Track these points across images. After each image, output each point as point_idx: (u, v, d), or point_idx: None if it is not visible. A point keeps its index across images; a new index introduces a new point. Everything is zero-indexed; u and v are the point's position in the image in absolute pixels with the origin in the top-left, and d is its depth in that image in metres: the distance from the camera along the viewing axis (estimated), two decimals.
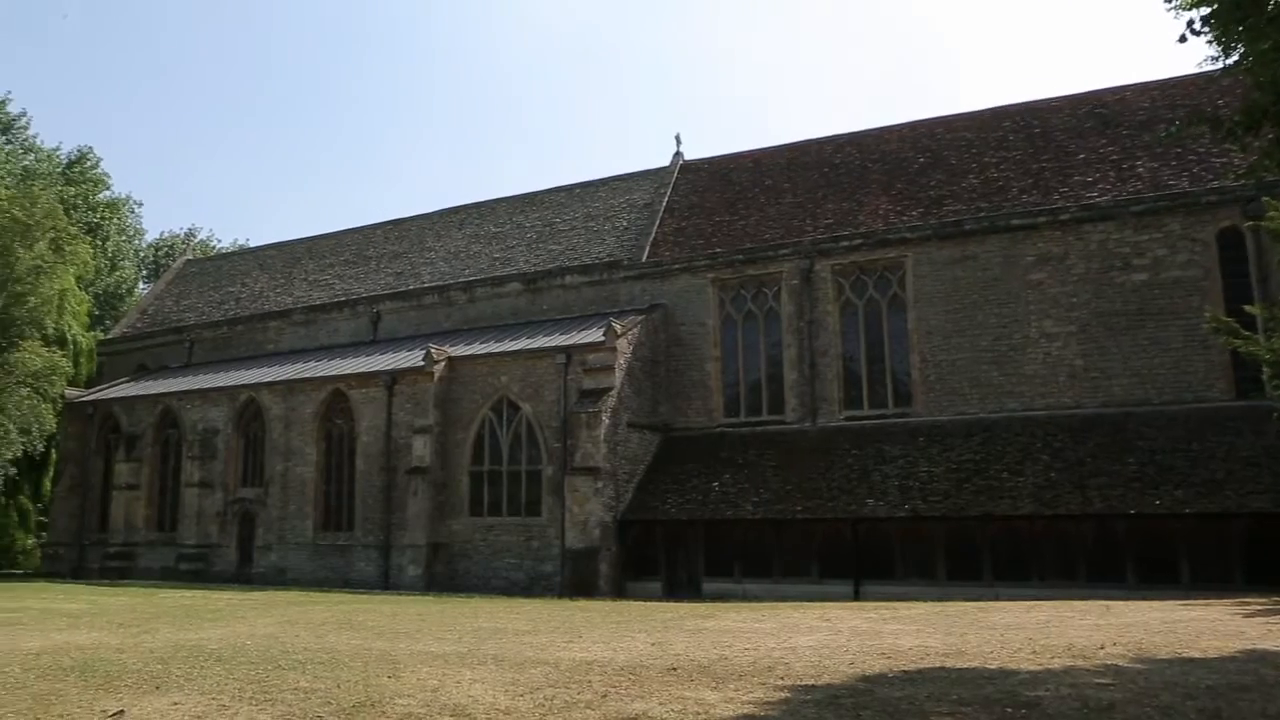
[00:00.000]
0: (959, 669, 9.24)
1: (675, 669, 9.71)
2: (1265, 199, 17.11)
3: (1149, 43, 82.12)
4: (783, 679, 8.99)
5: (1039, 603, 16.60)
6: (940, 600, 18.20)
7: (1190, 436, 20.50)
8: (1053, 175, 24.72)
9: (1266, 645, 10.37)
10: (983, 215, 24.35)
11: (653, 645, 11.72)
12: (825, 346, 25.48)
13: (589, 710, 7.70)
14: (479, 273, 31.85)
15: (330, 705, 8.07)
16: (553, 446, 25.07)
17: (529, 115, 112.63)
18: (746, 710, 7.61)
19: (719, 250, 27.56)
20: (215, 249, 58.77)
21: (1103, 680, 8.37)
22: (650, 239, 29.21)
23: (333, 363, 30.94)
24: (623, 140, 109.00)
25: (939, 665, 9.52)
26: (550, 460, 25.07)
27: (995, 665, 9.41)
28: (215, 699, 8.48)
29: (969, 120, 27.93)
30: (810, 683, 8.74)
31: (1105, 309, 22.58)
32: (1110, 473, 20.30)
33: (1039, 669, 9.10)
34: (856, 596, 20.67)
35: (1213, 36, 9.99)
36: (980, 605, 16.56)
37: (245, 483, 30.63)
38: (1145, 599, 16.75)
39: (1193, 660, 9.41)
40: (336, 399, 29.02)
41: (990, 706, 7.39)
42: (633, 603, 20.37)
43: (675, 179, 31.57)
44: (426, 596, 22.65)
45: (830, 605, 17.79)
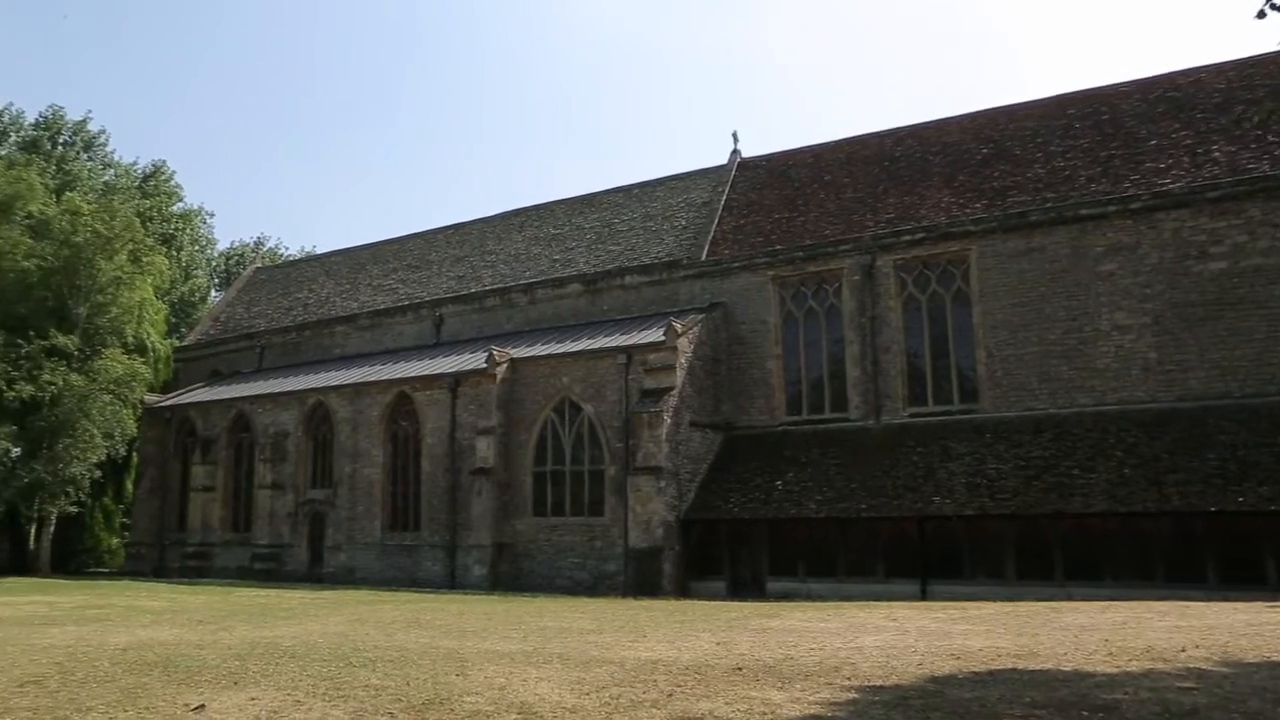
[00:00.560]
0: (1031, 671, 9.03)
1: (740, 669, 9.67)
2: None
3: (1223, 21, 79.24)
4: (849, 679, 8.89)
5: (1114, 603, 16.15)
6: (1010, 600, 17.83)
7: (1276, 430, 19.69)
8: (1123, 163, 24.00)
9: None
10: (1049, 206, 23.75)
11: (717, 645, 11.69)
12: (888, 343, 25.14)
13: (654, 709, 7.71)
14: (539, 274, 32.13)
15: (400, 702, 8.22)
16: (615, 446, 25.17)
17: (584, 117, 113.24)
18: (813, 710, 7.54)
19: (779, 247, 27.37)
20: (283, 257, 60.38)
21: (1185, 684, 8.10)
22: (709, 237, 29.14)
23: (397, 366, 31.50)
24: (679, 140, 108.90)
25: (1010, 667, 9.32)
26: (613, 460, 25.16)
27: (1069, 667, 9.17)
28: (290, 695, 8.70)
29: (1032, 109, 27.27)
30: (878, 683, 8.63)
31: (1180, 299, 21.84)
32: (1188, 469, 19.63)
33: (1116, 671, 8.85)
34: (923, 596, 20.35)
35: None
36: (1052, 605, 16.17)
37: (315, 484, 31.37)
38: (1227, 600, 16.18)
39: None
40: (401, 401, 29.53)
41: (1065, 710, 7.21)
42: (696, 602, 20.35)
43: (733, 177, 31.44)
44: (492, 596, 22.92)
45: (897, 605, 17.55)
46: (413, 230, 40.66)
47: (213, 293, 57.79)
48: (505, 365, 27.07)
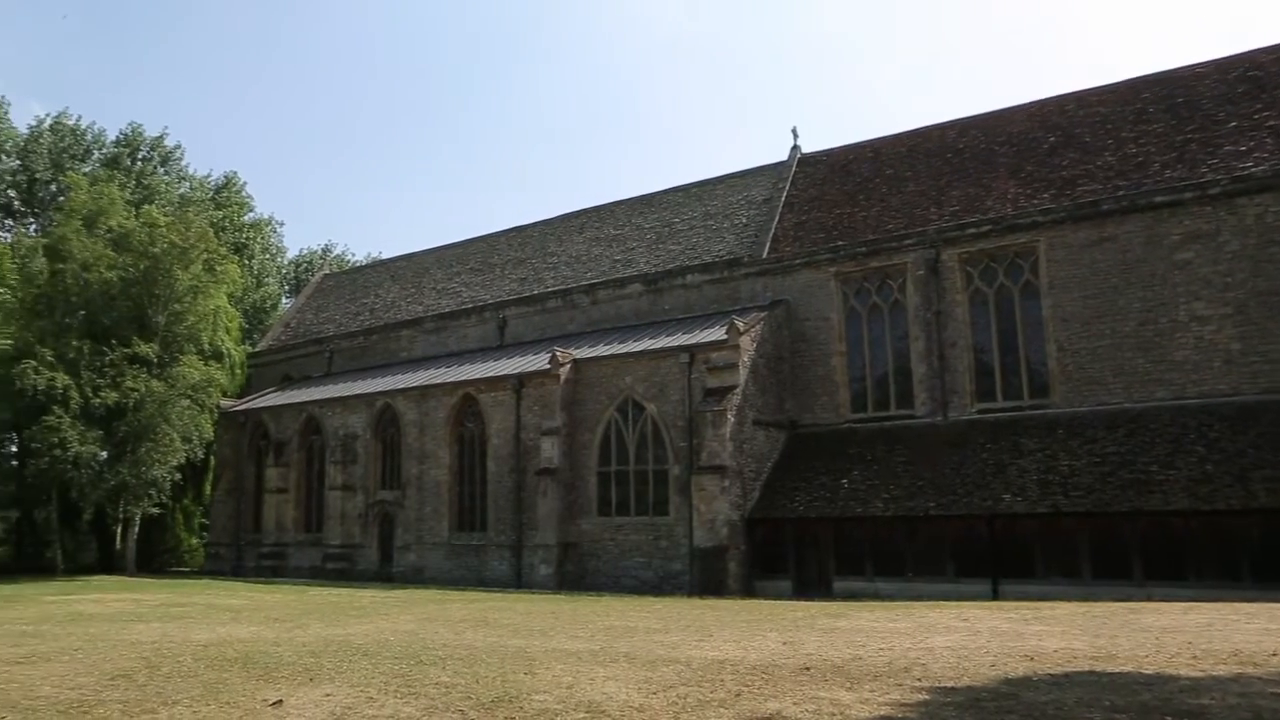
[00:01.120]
0: (1110, 673, 8.78)
1: (809, 668, 9.58)
2: None
3: None
4: (920, 680, 8.75)
5: (1197, 605, 15.60)
6: (1085, 600, 17.36)
7: None
8: (1200, 147, 23.15)
9: None
10: (1122, 194, 23.03)
11: (785, 644, 11.61)
12: (954, 338, 24.67)
13: (722, 709, 7.69)
14: (600, 275, 32.28)
15: (470, 700, 8.33)
16: (679, 446, 25.15)
17: (643, 118, 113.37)
18: (884, 712, 7.44)
19: (841, 243, 27.05)
20: (350, 263, 61.64)
21: (1277, 690, 7.78)
22: (770, 234, 28.94)
23: (462, 368, 31.94)
24: (739, 138, 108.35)
25: (1088, 669, 9.07)
26: (676, 459, 25.15)
27: (1151, 670, 8.89)
28: (363, 691, 8.89)
29: (1103, 94, 26.45)
30: (950, 684, 8.48)
31: (1265, 288, 20.97)
32: (1276, 464, 18.83)
33: (1201, 675, 8.54)
34: (995, 596, 19.91)
35: None
36: (1130, 606, 15.69)
37: (384, 485, 31.97)
38: None
39: None
40: (467, 403, 29.93)
41: (1148, 714, 6.99)
42: (762, 602, 20.24)
43: (794, 173, 31.17)
44: (558, 595, 23.10)
45: (967, 605, 17.22)
46: (475, 234, 41.23)
47: (283, 299, 59.26)
48: (568, 366, 27.26)
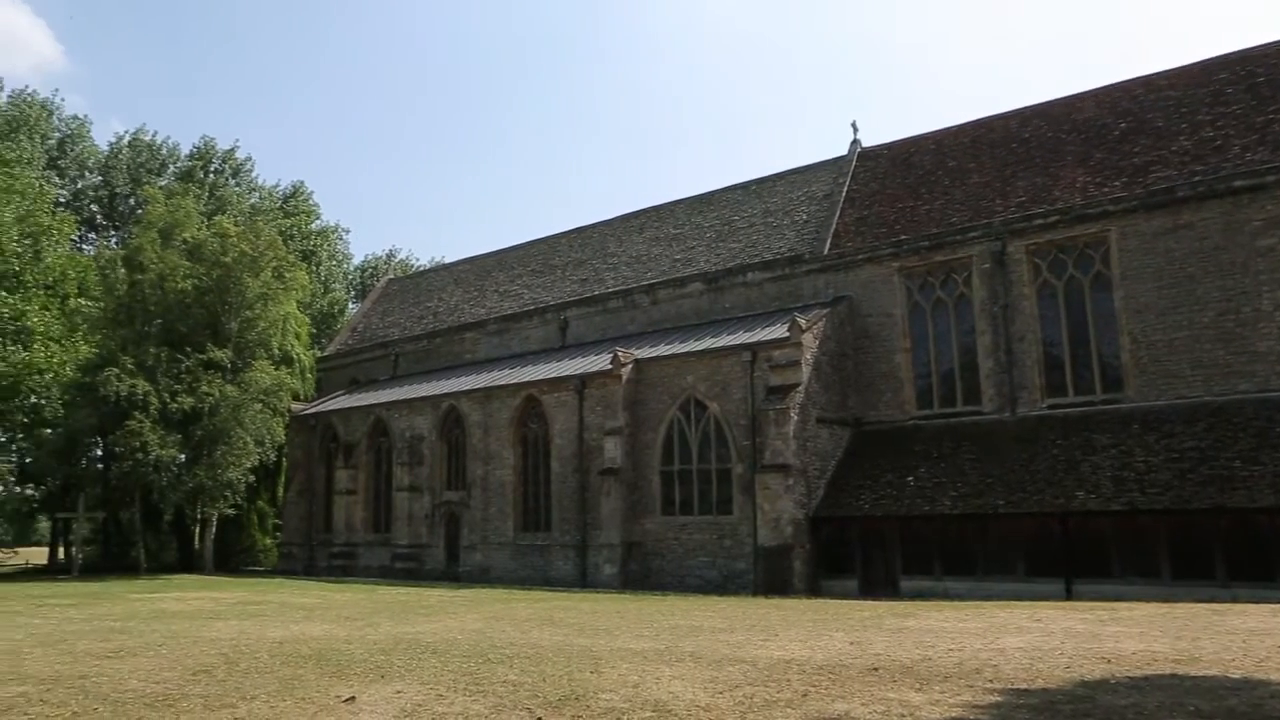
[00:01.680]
0: (1194, 677, 8.49)
1: (876, 669, 9.47)
2: None
3: None
4: (992, 681, 8.58)
5: None
6: (1165, 601, 16.82)
7: None
8: None
9: None
10: (1198, 180, 22.24)
11: (852, 644, 11.48)
12: (1022, 331, 24.11)
13: (789, 709, 7.64)
14: (661, 275, 32.30)
15: (537, 698, 8.41)
16: (741, 444, 25.04)
17: (702, 117, 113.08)
18: (954, 713, 7.31)
19: (904, 237, 26.64)
20: (414, 267, 62.75)
21: None
22: (831, 230, 28.62)
23: (525, 369, 32.26)
24: (797, 134, 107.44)
25: (1169, 672, 8.79)
26: (739, 458, 25.04)
27: (1238, 674, 8.58)
28: (433, 689, 9.04)
29: (1175, 78, 25.56)
30: (1022, 686, 8.30)
31: None
32: None
33: None
34: (1068, 596, 19.41)
35: None
36: (1214, 608, 15.15)
37: (450, 486, 32.45)
38: None
39: None
40: (530, 404, 30.21)
41: None
42: (828, 601, 20.04)
43: (854, 167, 30.78)
44: (623, 594, 23.19)
45: (1040, 605, 16.82)
46: (536, 235, 41.60)
47: (350, 304, 60.61)
48: (630, 366, 27.33)
